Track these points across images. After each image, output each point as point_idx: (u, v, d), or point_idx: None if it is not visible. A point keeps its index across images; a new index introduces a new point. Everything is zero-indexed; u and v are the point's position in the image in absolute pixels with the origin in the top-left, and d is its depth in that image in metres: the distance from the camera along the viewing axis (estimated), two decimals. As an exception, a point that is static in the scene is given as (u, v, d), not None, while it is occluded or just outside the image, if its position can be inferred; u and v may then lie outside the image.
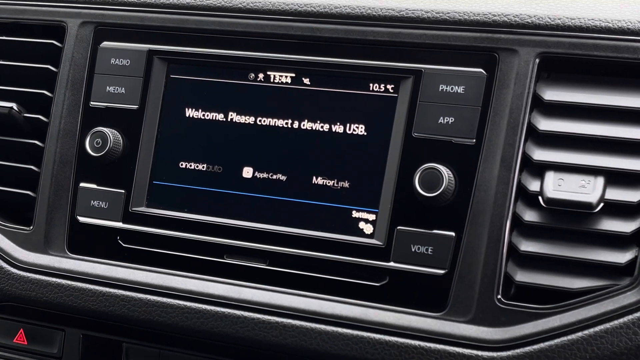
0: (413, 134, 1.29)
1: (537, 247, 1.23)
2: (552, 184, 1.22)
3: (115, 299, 1.40)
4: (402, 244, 1.29)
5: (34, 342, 1.50)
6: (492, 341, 1.21)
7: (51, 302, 1.43)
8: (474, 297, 1.24)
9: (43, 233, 1.47)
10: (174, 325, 1.36)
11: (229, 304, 1.34)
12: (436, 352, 1.23)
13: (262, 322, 1.32)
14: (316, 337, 1.29)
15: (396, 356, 1.25)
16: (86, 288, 1.42)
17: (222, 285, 1.36)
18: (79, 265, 1.44)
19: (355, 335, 1.28)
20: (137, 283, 1.39)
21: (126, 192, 1.44)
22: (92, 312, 1.41)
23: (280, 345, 1.31)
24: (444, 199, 1.25)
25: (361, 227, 1.32)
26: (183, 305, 1.36)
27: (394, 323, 1.26)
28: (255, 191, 1.38)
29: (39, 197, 1.48)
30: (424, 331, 1.25)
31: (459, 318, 1.24)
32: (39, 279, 1.44)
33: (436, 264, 1.26)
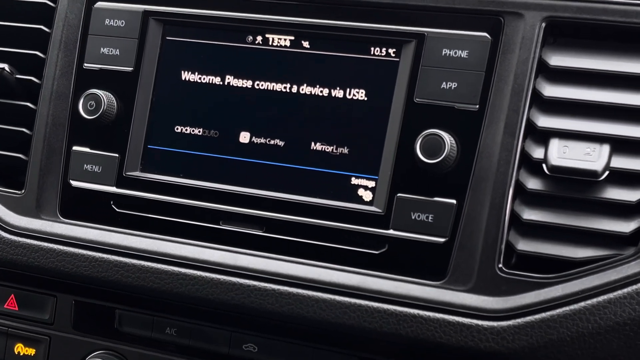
0: (415, 100, 1.27)
1: (540, 216, 1.20)
2: (556, 151, 1.19)
3: (109, 265, 1.37)
4: (402, 211, 1.26)
5: (25, 307, 1.48)
6: (492, 310, 1.19)
7: (43, 267, 1.40)
8: (474, 266, 1.22)
9: (35, 197, 1.44)
10: (168, 292, 1.34)
11: (225, 270, 1.32)
12: (435, 321, 1.21)
13: (258, 289, 1.29)
14: (313, 305, 1.27)
15: (394, 325, 1.23)
16: (79, 253, 1.39)
17: (217, 251, 1.34)
18: (71, 230, 1.41)
19: (353, 303, 1.25)
20: (131, 249, 1.37)
21: (120, 156, 1.40)
22: (85, 278, 1.38)
23: (276, 313, 1.29)
24: (446, 166, 1.23)
25: (360, 194, 1.30)
26: (178, 271, 1.33)
27: (392, 291, 1.24)
28: (252, 156, 1.35)
29: (31, 161, 1.45)
30: (423, 300, 1.22)
31: (459, 287, 1.22)
32: (31, 244, 1.41)
33: (436, 232, 1.24)
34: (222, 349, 1.36)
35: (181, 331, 1.39)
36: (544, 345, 1.16)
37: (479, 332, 1.19)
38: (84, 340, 1.44)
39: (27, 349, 1.47)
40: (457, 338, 1.20)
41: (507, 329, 1.17)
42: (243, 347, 1.36)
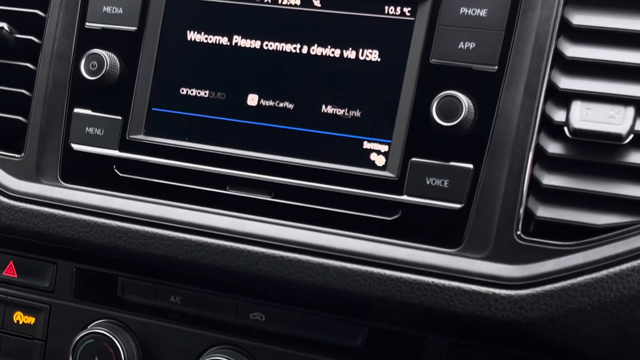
0: (431, 60, 1.22)
1: (561, 181, 1.16)
2: (578, 114, 1.15)
3: (111, 231, 1.32)
4: (416, 176, 1.22)
5: (24, 275, 1.43)
6: (510, 279, 1.15)
7: (43, 233, 1.36)
8: (491, 232, 1.17)
9: (35, 161, 1.39)
10: (173, 259, 1.29)
11: (232, 237, 1.27)
12: (450, 289, 1.17)
13: (266, 256, 1.25)
14: (323, 273, 1.22)
15: (408, 293, 1.18)
16: (80, 219, 1.34)
17: (224, 217, 1.29)
18: (72, 195, 1.36)
19: (364, 271, 1.21)
20: (135, 214, 1.32)
21: (123, 118, 1.36)
22: (86, 244, 1.34)
23: (285, 281, 1.24)
24: (463, 129, 1.18)
25: (373, 158, 1.25)
26: (183, 237, 1.29)
27: (406, 259, 1.20)
28: (260, 120, 1.30)
29: (31, 123, 1.40)
30: (438, 267, 1.18)
31: (475, 254, 1.18)
32: (30, 209, 1.37)
33: (452, 197, 1.20)
34: (229, 318, 1.32)
35: (186, 299, 1.34)
36: (563, 314, 1.12)
37: (496, 301, 1.14)
38: (85, 309, 1.40)
39: (27, 318, 1.43)
40: (473, 307, 1.15)
41: (526, 298, 1.13)
42: (250, 316, 1.32)
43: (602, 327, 1.10)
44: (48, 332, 1.42)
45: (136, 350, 1.36)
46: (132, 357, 1.35)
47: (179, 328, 1.35)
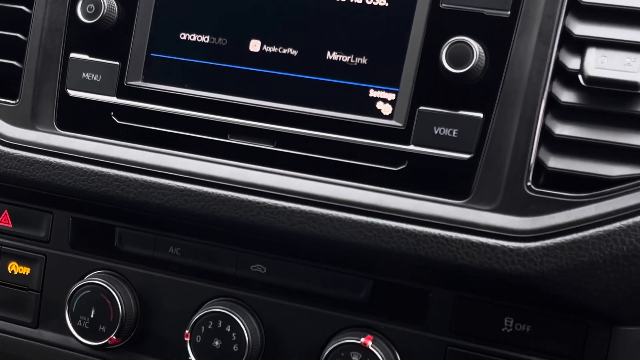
0: (441, 5, 1.17)
1: (574, 131, 1.12)
2: (594, 61, 1.11)
3: (109, 179, 1.29)
4: (423, 125, 1.18)
5: (19, 224, 1.40)
6: (519, 231, 1.11)
7: (38, 181, 1.32)
8: (501, 183, 1.14)
9: (30, 107, 1.35)
10: (172, 209, 1.26)
11: (233, 186, 1.24)
12: (457, 241, 1.14)
13: (268, 206, 1.22)
14: (327, 224, 1.19)
15: (414, 245, 1.15)
16: (76, 167, 1.30)
17: (225, 166, 1.26)
18: (68, 142, 1.32)
19: (369, 222, 1.18)
20: (133, 162, 1.28)
21: (121, 64, 1.31)
22: (83, 193, 1.30)
23: (287, 232, 1.21)
24: (473, 77, 1.14)
25: (379, 107, 1.21)
26: (183, 187, 1.25)
27: (412, 210, 1.17)
28: (263, 66, 1.26)
29: (26, 68, 1.35)
30: (445, 219, 1.15)
31: (483, 206, 1.15)
32: (25, 156, 1.33)
33: (461, 147, 1.16)
34: (229, 270, 1.29)
35: (185, 251, 1.31)
36: (574, 267, 1.08)
37: (504, 253, 1.11)
38: (81, 260, 1.37)
39: (22, 268, 1.39)
40: (481, 259, 1.12)
41: (535, 251, 1.10)
42: (251, 268, 1.28)
43: (614, 281, 1.07)
44: (43, 282, 1.39)
45: (134, 302, 1.33)
46: (130, 309, 1.32)
47: (178, 280, 1.32)
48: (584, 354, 1.14)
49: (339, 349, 1.21)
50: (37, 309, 1.39)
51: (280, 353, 1.28)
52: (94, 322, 1.31)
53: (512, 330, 1.17)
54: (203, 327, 1.26)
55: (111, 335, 1.31)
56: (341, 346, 1.21)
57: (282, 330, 1.28)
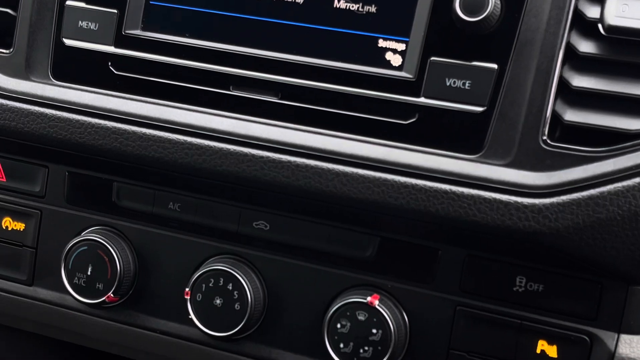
0: (454, -50, 1.12)
1: (592, 83, 1.08)
2: (614, 9, 1.06)
3: (106, 132, 1.24)
4: (435, 77, 1.13)
5: (13, 179, 1.35)
6: (534, 186, 1.07)
7: (33, 133, 1.27)
8: (515, 137, 1.10)
9: (24, 56, 1.30)
10: (172, 163, 1.21)
11: (235, 140, 1.19)
12: (469, 197, 1.09)
13: (272, 160, 1.17)
14: (333, 179, 1.15)
15: (423, 201, 1.11)
16: (73, 118, 1.26)
17: (227, 119, 1.21)
18: (64, 93, 1.27)
19: (377, 177, 1.13)
20: (131, 115, 1.24)
21: (119, 12, 1.26)
22: (80, 146, 1.26)
23: (291, 187, 1.17)
24: (488, 26, 1.09)
25: (388, 58, 1.16)
26: (183, 140, 1.21)
27: (422, 165, 1.12)
28: (267, 15, 1.21)
29: (20, 16, 1.30)
30: (457, 174, 1.11)
31: (497, 161, 1.10)
32: (20, 107, 1.28)
33: (474, 100, 1.11)
34: (231, 227, 1.25)
35: (185, 206, 1.27)
36: (590, 224, 1.05)
37: (518, 209, 1.07)
38: (78, 215, 1.33)
39: (16, 224, 1.35)
40: (493, 216, 1.08)
41: (550, 207, 1.06)
42: (253, 225, 1.24)
43: (632, 238, 1.03)
44: (39, 239, 1.35)
45: (132, 258, 1.29)
46: (128, 266, 1.28)
47: (178, 237, 1.28)
48: (598, 313, 1.11)
49: (344, 307, 1.17)
50: (32, 266, 1.35)
51: (283, 312, 1.24)
52: (91, 280, 1.28)
53: (524, 290, 1.13)
54: (204, 285, 1.23)
55: (109, 293, 1.27)
56: (347, 305, 1.17)
57: (285, 288, 1.24)
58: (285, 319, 1.24)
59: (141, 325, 1.31)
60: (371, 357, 1.16)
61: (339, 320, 1.17)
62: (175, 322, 1.29)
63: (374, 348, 1.16)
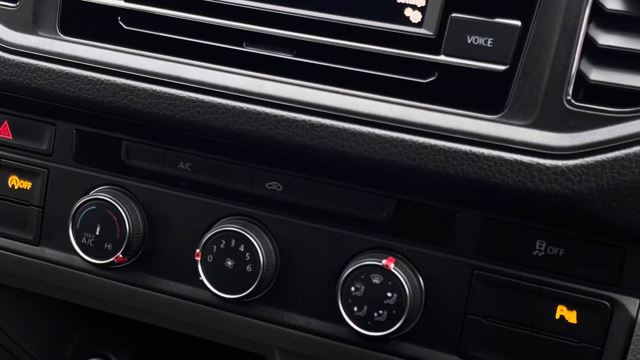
0: None
1: (619, 41, 1.04)
2: (644, -35, 1.02)
3: (115, 88, 1.21)
4: (456, 34, 1.10)
5: (19, 136, 1.32)
6: (557, 148, 1.04)
7: (40, 89, 1.24)
8: (538, 97, 1.06)
9: (31, 10, 1.26)
10: (183, 121, 1.18)
11: (249, 98, 1.16)
12: (490, 158, 1.06)
13: (286, 119, 1.14)
14: (349, 139, 1.12)
15: (442, 162, 1.08)
16: (81, 75, 1.22)
17: (240, 77, 1.18)
18: (72, 49, 1.24)
19: (395, 137, 1.10)
20: (141, 71, 1.20)
21: (129, -35, 1.23)
22: (88, 103, 1.22)
23: (306, 147, 1.14)
24: (511, -19, 1.06)
25: (407, 14, 1.12)
26: (195, 97, 1.17)
27: (441, 125, 1.09)
28: (282, -31, 1.17)
29: (26, -32, 1.27)
30: (477, 135, 1.07)
31: (519, 121, 1.07)
32: (27, 63, 1.25)
33: (496, 58, 1.08)
34: (243, 187, 1.22)
35: (196, 166, 1.24)
36: (615, 187, 1.02)
37: (540, 171, 1.04)
38: (86, 174, 1.30)
39: (23, 182, 1.32)
40: (514, 178, 1.05)
41: (574, 169, 1.03)
42: (266, 186, 1.21)
43: (658, 202, 1.01)
44: (46, 198, 1.32)
45: (141, 219, 1.26)
46: (138, 226, 1.25)
47: (189, 197, 1.25)
48: (620, 279, 1.08)
49: (358, 270, 1.15)
50: (38, 226, 1.32)
51: (296, 274, 1.22)
52: (100, 240, 1.25)
53: (544, 254, 1.10)
54: (215, 246, 1.20)
55: (117, 253, 1.24)
56: (361, 268, 1.14)
57: (298, 251, 1.21)
58: (298, 282, 1.22)
59: (150, 287, 1.28)
60: (385, 321, 1.13)
61: (353, 283, 1.15)
62: (186, 283, 1.26)
63: (389, 312, 1.13)
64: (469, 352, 1.15)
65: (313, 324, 1.22)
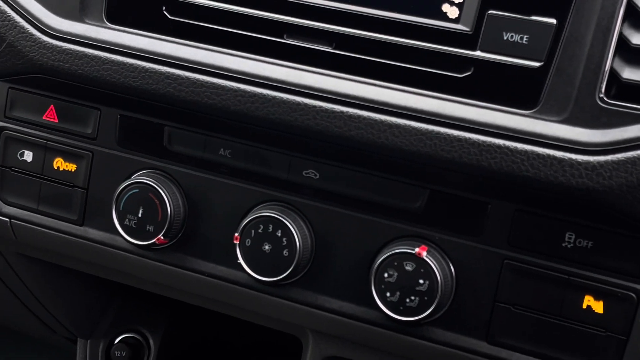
0: None
1: (653, 41, 1.07)
2: (680, -33, 1.05)
3: (160, 76, 1.25)
4: (492, 30, 1.13)
5: (65, 120, 1.37)
6: (589, 144, 1.07)
7: (87, 75, 1.28)
8: (572, 93, 1.09)
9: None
10: (224, 109, 1.22)
11: (288, 89, 1.19)
12: (523, 152, 1.10)
13: (324, 110, 1.18)
14: (385, 130, 1.15)
15: (476, 155, 1.12)
16: (126, 62, 1.26)
17: (281, 68, 1.21)
18: (118, 37, 1.28)
19: (430, 130, 1.14)
20: (185, 60, 1.24)
21: (174, -44, 1.26)
22: (133, 90, 1.27)
23: (343, 137, 1.17)
24: (548, -20, 1.09)
25: (445, 9, 1.16)
26: (236, 87, 1.21)
27: (476, 119, 1.12)
28: (323, -37, 1.20)
29: (74, -43, 1.30)
30: (511, 129, 1.11)
31: (552, 117, 1.10)
32: (74, 49, 1.29)
33: (531, 54, 1.11)
34: (280, 174, 1.26)
35: (236, 153, 1.28)
36: (644, 183, 1.05)
37: (572, 166, 1.07)
38: (129, 158, 1.34)
39: (68, 164, 1.37)
40: (546, 172, 1.09)
41: (605, 165, 1.06)
42: (303, 173, 1.25)
43: (686, 198, 1.04)
44: (90, 180, 1.36)
45: (182, 202, 1.30)
46: (178, 209, 1.30)
47: (228, 182, 1.29)
48: (647, 272, 1.12)
49: (391, 258, 1.18)
50: (82, 207, 1.37)
51: (330, 259, 1.26)
52: (142, 222, 1.29)
53: (573, 246, 1.14)
54: (253, 230, 1.24)
55: (159, 235, 1.29)
56: (394, 255, 1.18)
57: (333, 237, 1.25)
58: (332, 267, 1.26)
59: (189, 268, 1.33)
60: (417, 306, 1.17)
61: (386, 269, 1.19)
62: (224, 265, 1.31)
63: (420, 298, 1.17)
64: (497, 338, 1.18)
65: (346, 307, 1.26)
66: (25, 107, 1.39)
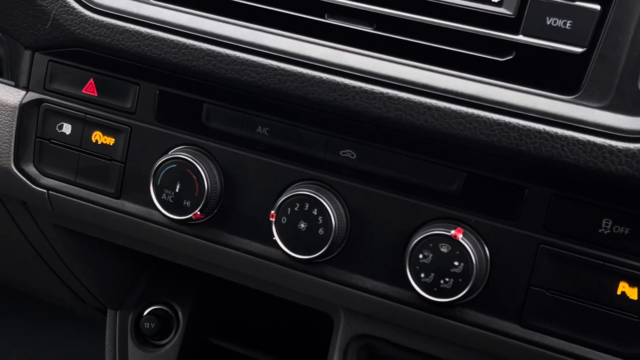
0: None
1: (699, 28, 1.06)
2: None
3: (200, 53, 1.26)
4: (535, 15, 1.12)
5: (104, 94, 1.38)
6: (630, 131, 1.07)
7: (127, 50, 1.29)
8: (614, 80, 1.09)
9: (121, -26, 1.31)
10: (264, 87, 1.23)
11: (328, 68, 1.20)
12: (563, 138, 1.10)
13: (364, 91, 1.18)
14: (425, 113, 1.16)
15: (515, 139, 1.12)
16: (167, 38, 1.27)
17: (321, 47, 1.22)
18: (160, 13, 1.29)
19: (470, 113, 1.14)
20: (226, 38, 1.25)
21: None
22: (173, 66, 1.28)
23: (382, 118, 1.18)
24: (594, -35, 1.08)
25: (488, -7, 1.16)
26: (276, 65, 1.22)
27: (516, 103, 1.13)
28: (366, -57, 1.20)
29: None
30: (551, 115, 1.11)
31: (593, 103, 1.10)
32: (115, 24, 1.30)
33: (574, 40, 1.11)
34: (318, 154, 1.27)
35: (274, 131, 1.29)
36: (684, 172, 1.05)
37: (612, 153, 1.08)
38: (167, 133, 1.35)
39: (106, 138, 1.38)
40: (586, 158, 1.09)
41: (645, 152, 1.06)
42: (340, 153, 1.26)
43: None
44: (127, 154, 1.37)
45: (219, 179, 1.32)
46: (215, 185, 1.31)
47: (265, 160, 1.30)
48: (685, 260, 1.12)
49: (427, 239, 1.19)
50: (120, 180, 1.38)
51: (365, 239, 1.26)
52: (179, 197, 1.31)
53: (609, 232, 1.14)
54: (289, 208, 1.25)
55: (195, 210, 1.30)
56: (430, 237, 1.19)
57: (368, 217, 1.26)
58: (367, 247, 1.27)
59: (225, 244, 1.34)
60: (451, 288, 1.18)
61: (421, 251, 1.19)
62: (259, 242, 1.32)
63: (455, 280, 1.18)
64: (531, 322, 1.19)
65: (379, 287, 1.27)
66: (64, 80, 1.40)
